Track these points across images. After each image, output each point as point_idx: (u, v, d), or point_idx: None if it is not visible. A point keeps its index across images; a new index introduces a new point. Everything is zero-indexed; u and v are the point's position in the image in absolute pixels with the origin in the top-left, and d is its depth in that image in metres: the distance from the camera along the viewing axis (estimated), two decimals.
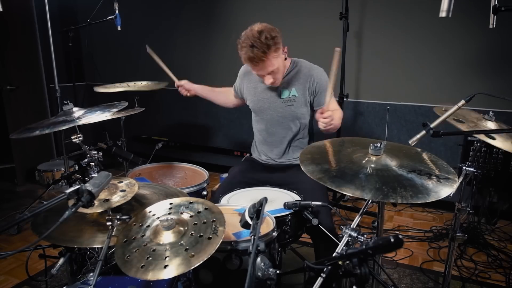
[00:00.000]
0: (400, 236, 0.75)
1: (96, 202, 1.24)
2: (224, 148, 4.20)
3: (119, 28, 2.85)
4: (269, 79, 1.98)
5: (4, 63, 3.72)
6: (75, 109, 1.82)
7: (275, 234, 1.49)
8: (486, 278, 2.34)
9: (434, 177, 1.29)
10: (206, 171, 2.34)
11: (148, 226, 1.26)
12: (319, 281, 1.11)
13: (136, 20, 4.17)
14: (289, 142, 2.14)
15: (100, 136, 3.63)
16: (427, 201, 1.17)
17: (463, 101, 1.32)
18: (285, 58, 2.00)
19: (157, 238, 1.19)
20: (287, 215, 1.66)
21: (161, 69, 2.36)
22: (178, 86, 2.40)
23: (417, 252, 2.67)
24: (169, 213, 1.29)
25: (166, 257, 1.12)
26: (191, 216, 1.27)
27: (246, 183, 2.04)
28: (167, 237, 1.19)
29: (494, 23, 1.47)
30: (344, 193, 1.20)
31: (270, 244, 1.45)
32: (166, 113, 4.47)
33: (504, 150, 2.70)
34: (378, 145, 1.38)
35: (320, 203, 1.61)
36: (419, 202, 1.17)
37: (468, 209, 2.62)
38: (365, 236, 1.31)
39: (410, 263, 2.53)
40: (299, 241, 2.09)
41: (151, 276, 1.08)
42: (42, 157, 3.64)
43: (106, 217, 1.31)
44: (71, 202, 0.99)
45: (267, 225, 1.54)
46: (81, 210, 1.07)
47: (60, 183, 2.55)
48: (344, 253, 0.88)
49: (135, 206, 1.49)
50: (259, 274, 1.08)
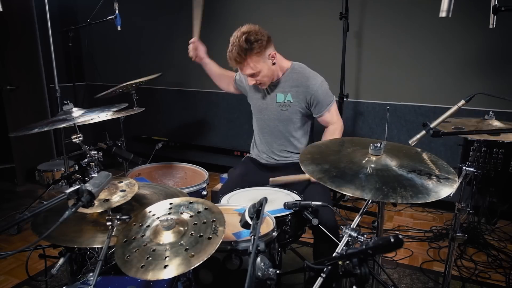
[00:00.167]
0: (400, 236, 0.75)
1: (96, 202, 1.24)
2: (224, 148, 4.20)
3: (119, 28, 2.86)
4: (251, 81, 2.00)
5: (4, 63, 3.72)
6: (75, 109, 1.82)
7: (275, 234, 1.49)
8: (486, 278, 2.34)
9: (434, 177, 1.29)
10: (206, 171, 2.34)
11: (148, 226, 1.26)
12: (319, 281, 1.11)
13: (136, 20, 4.17)
14: (287, 143, 2.14)
15: (100, 136, 3.63)
16: (427, 201, 1.17)
17: (463, 101, 1.32)
18: (273, 63, 1.97)
19: (157, 238, 1.19)
20: (287, 215, 1.66)
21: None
22: (192, 43, 2.25)
23: (417, 252, 2.67)
24: (169, 213, 1.29)
25: (166, 257, 1.12)
26: (191, 216, 1.26)
27: (246, 184, 2.04)
28: (167, 237, 1.19)
29: (494, 23, 1.47)
30: (344, 193, 1.20)
31: (270, 244, 1.45)
32: (166, 113, 4.47)
33: (504, 150, 2.74)
34: (378, 145, 1.38)
35: (320, 203, 1.61)
36: (419, 202, 1.17)
37: (468, 209, 2.64)
38: (365, 236, 1.31)
39: (410, 263, 2.53)
40: (299, 241, 2.09)
41: (151, 276, 1.08)
42: (42, 157, 3.64)
43: (106, 217, 1.31)
44: (71, 202, 0.99)
45: (267, 225, 1.54)
46: (81, 210, 1.07)
47: (60, 183, 2.55)
48: (344, 253, 0.88)
49: (135, 206, 1.49)
50: (259, 274, 1.08)
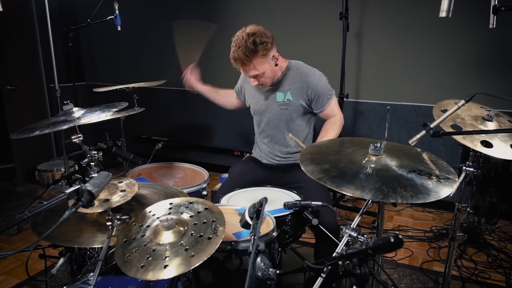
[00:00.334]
0: (400, 236, 0.75)
1: (96, 202, 1.25)
2: (224, 148, 4.20)
3: (119, 28, 2.86)
4: (253, 82, 2.00)
5: (4, 63, 3.72)
6: (75, 109, 1.82)
7: (275, 234, 1.49)
8: (486, 278, 2.34)
9: (434, 177, 1.29)
10: (206, 171, 2.34)
11: (148, 226, 1.26)
12: (319, 281, 1.11)
13: (136, 20, 4.17)
14: (289, 143, 2.14)
15: (100, 136, 3.63)
16: (427, 201, 1.17)
17: (463, 101, 1.32)
18: (275, 65, 1.97)
19: (157, 238, 1.19)
20: (287, 215, 1.66)
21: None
22: (184, 76, 2.32)
23: (417, 252, 2.67)
24: (169, 213, 1.29)
25: (166, 257, 1.12)
26: (191, 216, 1.27)
27: (246, 183, 2.04)
28: (167, 237, 1.19)
29: (494, 23, 1.48)
30: (344, 193, 1.20)
31: (270, 244, 1.46)
32: (166, 113, 4.47)
33: None
34: (378, 145, 1.38)
35: (320, 203, 1.61)
36: (419, 202, 1.17)
37: (468, 209, 2.62)
38: (365, 236, 1.31)
39: (410, 263, 2.53)
40: (299, 241, 2.09)
41: (151, 276, 1.08)
42: (42, 157, 3.64)
43: (106, 217, 1.31)
44: (71, 202, 0.99)
45: (267, 225, 1.54)
46: (81, 210, 1.07)
47: (60, 183, 2.54)
48: (344, 253, 0.88)
49: (135, 206, 1.49)
50: (259, 274, 1.08)
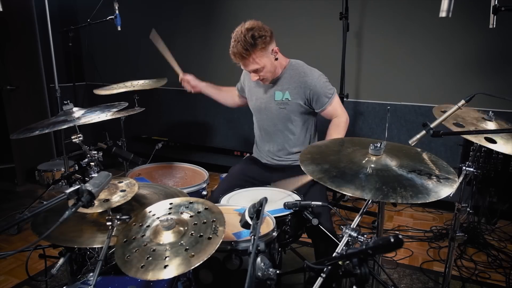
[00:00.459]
0: (400, 236, 0.75)
1: (96, 202, 1.25)
2: (224, 148, 4.20)
3: (119, 28, 2.86)
4: (254, 77, 1.99)
5: (4, 63, 3.72)
6: (75, 109, 1.82)
7: (275, 234, 1.49)
8: (486, 278, 2.34)
9: (434, 177, 1.29)
10: (206, 171, 2.34)
11: (148, 226, 1.26)
12: (319, 281, 1.11)
13: (136, 20, 4.16)
14: (288, 143, 2.14)
15: (100, 136, 3.63)
16: (427, 201, 1.17)
17: (463, 101, 1.32)
18: (275, 59, 1.96)
19: (157, 238, 1.19)
20: (287, 215, 1.66)
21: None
22: (182, 80, 2.29)
23: (417, 252, 2.67)
24: (169, 213, 1.29)
25: (166, 257, 1.12)
26: (191, 216, 1.27)
27: (246, 182, 2.04)
28: (167, 237, 1.19)
29: (494, 23, 1.48)
30: (344, 193, 1.20)
31: (270, 244, 1.45)
32: (166, 113, 4.47)
33: None
34: (378, 145, 1.38)
35: (320, 203, 1.61)
36: (419, 202, 1.17)
37: (468, 209, 2.62)
38: (365, 236, 1.31)
39: (410, 263, 2.53)
40: (299, 241, 2.09)
41: (151, 276, 1.08)
42: (42, 157, 3.64)
43: (106, 217, 1.31)
44: (71, 202, 0.99)
45: (267, 225, 1.54)
46: (81, 210, 1.07)
47: (60, 183, 2.54)
48: (344, 253, 0.88)
49: (135, 206, 1.49)
50: (259, 274, 1.08)
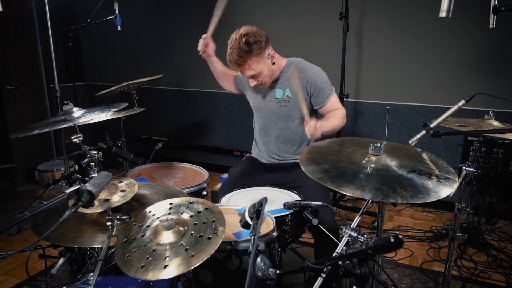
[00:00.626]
0: (400, 236, 0.75)
1: (96, 202, 1.24)
2: (224, 148, 4.20)
3: (119, 28, 2.86)
4: (252, 82, 2.00)
5: (4, 63, 3.71)
6: (75, 109, 1.82)
7: (275, 234, 1.49)
8: (486, 278, 2.34)
9: (434, 177, 1.29)
10: (206, 171, 2.34)
11: (148, 226, 1.26)
12: (319, 281, 1.11)
13: (136, 20, 4.17)
14: (289, 141, 2.14)
15: (100, 136, 3.63)
16: (427, 201, 1.17)
17: (463, 101, 1.32)
18: (272, 63, 1.97)
19: (157, 238, 1.19)
20: (287, 215, 1.66)
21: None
22: (204, 38, 2.23)
23: (417, 252, 2.67)
24: (169, 213, 1.29)
25: (166, 257, 1.12)
26: (191, 216, 1.26)
27: (246, 183, 2.04)
28: (167, 237, 1.19)
29: (494, 23, 1.48)
30: (344, 193, 1.20)
31: (270, 244, 1.45)
32: (166, 113, 4.47)
33: (504, 150, 2.74)
34: (378, 145, 1.38)
35: (320, 203, 1.61)
36: (419, 202, 1.17)
37: (468, 209, 2.63)
38: (365, 236, 1.31)
39: (410, 263, 2.53)
40: (299, 241, 2.09)
41: (151, 276, 1.08)
42: (42, 157, 3.64)
43: (106, 217, 1.31)
44: (71, 202, 0.99)
45: (267, 225, 1.54)
46: (81, 210, 1.07)
47: (60, 183, 2.54)
48: (344, 253, 0.88)
49: (135, 206, 1.49)
50: (259, 274, 1.08)
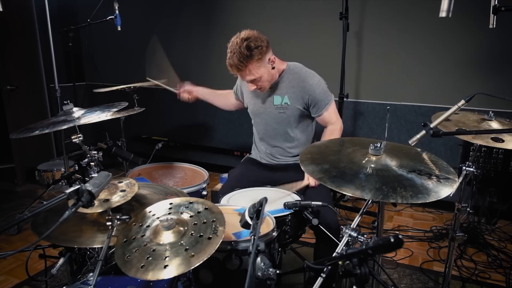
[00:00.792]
0: (400, 236, 0.75)
1: (96, 202, 1.24)
2: (224, 148, 4.20)
3: (119, 28, 2.86)
4: (252, 86, 1.99)
5: (4, 63, 3.71)
6: (75, 109, 1.82)
7: (275, 234, 1.49)
8: (486, 278, 2.34)
9: (434, 177, 1.29)
10: (206, 171, 2.34)
11: (148, 226, 1.26)
12: (319, 281, 1.11)
13: (136, 20, 4.17)
14: (287, 145, 2.13)
15: (100, 136, 3.64)
16: (427, 201, 1.17)
17: (463, 101, 1.32)
18: (272, 68, 1.96)
19: (157, 238, 1.19)
20: (287, 215, 1.66)
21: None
22: (179, 94, 2.35)
23: (417, 252, 2.67)
24: (169, 213, 1.29)
25: (166, 257, 1.12)
26: (191, 216, 1.26)
27: (246, 184, 2.03)
28: (167, 237, 1.19)
29: (494, 23, 1.47)
30: (344, 193, 1.20)
31: (270, 244, 1.45)
32: (166, 113, 4.47)
33: (504, 150, 2.74)
34: (378, 145, 1.38)
35: (320, 203, 1.61)
36: (419, 202, 1.17)
37: (468, 209, 2.64)
38: (365, 236, 1.31)
39: (410, 263, 2.53)
40: (299, 241, 2.09)
41: (151, 276, 1.08)
42: (42, 157, 3.64)
43: (106, 217, 1.31)
44: (71, 202, 0.99)
45: (267, 225, 1.54)
46: (81, 210, 1.07)
47: (60, 183, 2.55)
48: (344, 253, 0.88)
49: (135, 206, 1.49)
50: (259, 274, 1.08)
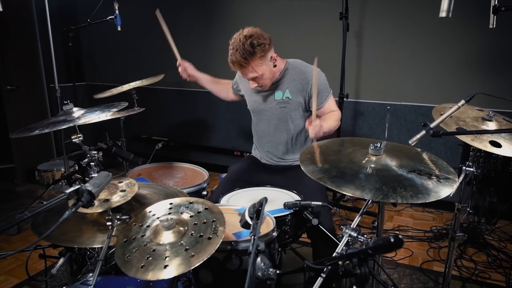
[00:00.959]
0: (400, 236, 0.75)
1: (96, 202, 1.25)
2: (224, 148, 4.20)
3: (119, 28, 2.86)
4: (253, 84, 1.99)
5: (4, 63, 3.71)
6: (75, 109, 1.82)
7: (275, 234, 1.49)
8: (486, 278, 2.34)
9: (434, 177, 1.29)
10: (206, 171, 2.34)
11: (148, 226, 1.26)
12: (319, 281, 1.11)
13: (136, 20, 4.16)
14: (288, 143, 2.14)
15: (100, 136, 3.63)
16: (427, 201, 1.17)
17: (463, 101, 1.32)
18: (274, 66, 1.96)
19: (157, 238, 1.19)
20: (287, 215, 1.66)
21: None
22: (179, 65, 2.30)
23: (417, 252, 2.67)
24: (169, 213, 1.29)
25: (166, 257, 1.12)
26: (191, 216, 1.27)
27: (245, 182, 2.04)
28: (167, 237, 1.19)
29: (494, 23, 1.47)
30: (344, 193, 1.20)
31: (270, 244, 1.46)
32: (166, 113, 4.47)
33: None
34: (378, 145, 1.38)
35: (320, 203, 1.61)
36: (419, 202, 1.17)
37: (468, 209, 2.64)
38: (365, 236, 1.31)
39: (410, 263, 2.53)
40: (299, 241, 2.09)
41: (151, 276, 1.08)
42: (42, 157, 3.64)
43: (106, 217, 1.31)
44: (71, 202, 0.99)
45: (267, 225, 1.54)
46: (81, 210, 1.07)
47: (60, 183, 2.54)
48: (344, 253, 0.88)
49: (135, 206, 1.49)
50: (259, 274, 1.08)
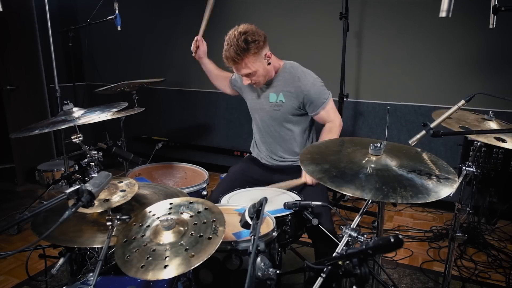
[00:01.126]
0: (400, 236, 0.75)
1: (96, 202, 1.24)
2: (224, 148, 4.20)
3: (119, 28, 2.86)
4: (246, 80, 1.99)
5: (4, 63, 3.72)
6: (75, 109, 1.82)
7: (275, 234, 1.49)
8: (486, 278, 2.34)
9: (434, 177, 1.29)
10: (206, 171, 2.34)
11: (148, 226, 1.26)
12: (319, 281, 1.11)
13: (136, 20, 4.17)
14: (287, 143, 2.13)
15: (100, 136, 3.63)
16: (427, 201, 1.17)
17: (463, 101, 1.32)
18: (268, 63, 1.95)
19: (157, 238, 1.19)
20: (287, 215, 1.66)
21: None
22: (196, 40, 2.24)
23: (417, 252, 2.67)
24: (169, 213, 1.29)
25: (166, 257, 1.12)
26: (191, 216, 1.26)
27: (246, 182, 2.04)
28: (167, 237, 1.19)
29: (494, 23, 1.47)
30: (344, 193, 1.20)
31: (270, 244, 1.45)
32: (166, 113, 4.47)
33: (504, 150, 2.74)
34: (378, 145, 1.38)
35: (320, 203, 1.61)
36: (419, 202, 1.17)
37: (468, 209, 2.64)
38: (365, 236, 1.31)
39: (410, 263, 2.53)
40: (299, 241, 2.09)
41: (151, 276, 1.08)
42: (42, 157, 3.64)
43: (106, 217, 1.31)
44: (71, 202, 0.99)
45: (267, 225, 1.54)
46: (81, 210, 1.07)
47: (60, 183, 2.54)
48: (344, 253, 0.88)
49: (135, 206, 1.49)
50: (259, 274, 1.08)
